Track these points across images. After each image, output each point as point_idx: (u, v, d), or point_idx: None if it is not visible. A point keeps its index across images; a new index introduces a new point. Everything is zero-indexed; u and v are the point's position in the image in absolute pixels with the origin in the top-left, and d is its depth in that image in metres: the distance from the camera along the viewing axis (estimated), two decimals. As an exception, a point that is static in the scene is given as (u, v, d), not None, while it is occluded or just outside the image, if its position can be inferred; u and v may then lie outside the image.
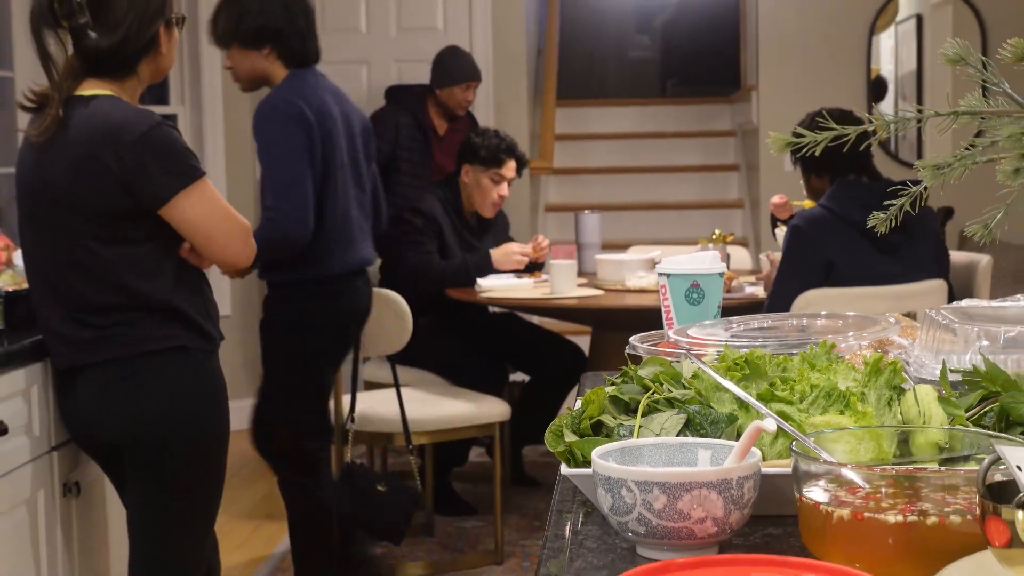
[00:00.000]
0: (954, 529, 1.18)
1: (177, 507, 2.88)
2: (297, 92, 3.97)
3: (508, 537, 4.96)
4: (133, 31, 2.78)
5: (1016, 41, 0.99)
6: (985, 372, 1.52)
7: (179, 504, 2.88)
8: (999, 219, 1.05)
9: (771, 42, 7.26)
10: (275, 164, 3.91)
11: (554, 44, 8.81)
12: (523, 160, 5.51)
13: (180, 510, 2.88)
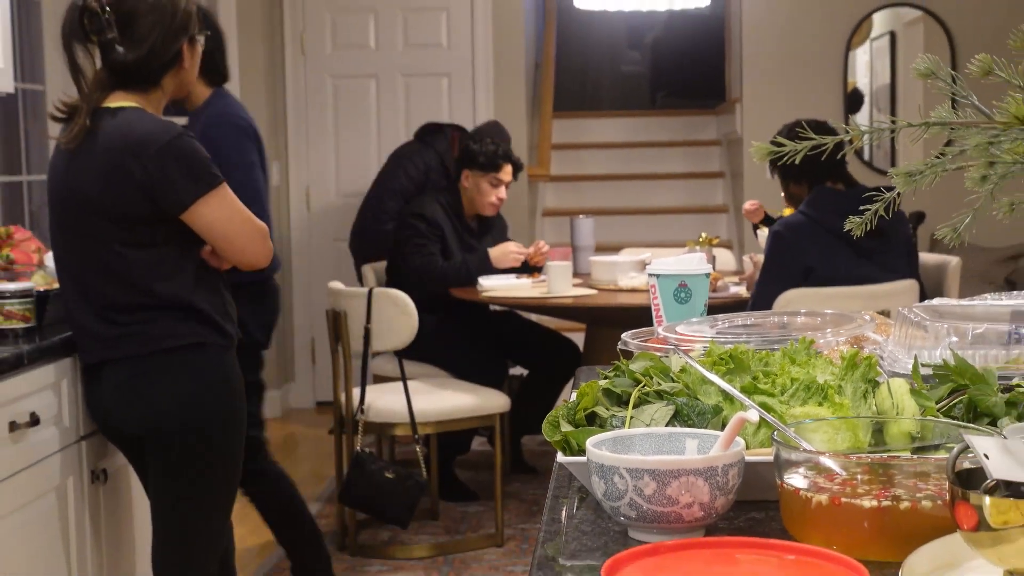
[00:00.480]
0: (925, 513, 1.18)
1: (196, 494, 2.88)
2: (239, 108, 3.95)
3: (508, 521, 4.96)
4: (158, 46, 2.78)
5: (983, 57, 0.99)
6: (954, 366, 1.52)
7: (198, 491, 2.88)
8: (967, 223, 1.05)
9: (754, 57, 7.26)
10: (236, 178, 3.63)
11: (551, 59, 8.82)
12: (518, 164, 5.51)
13: (199, 496, 2.88)
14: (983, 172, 1.01)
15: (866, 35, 7.24)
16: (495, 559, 4.66)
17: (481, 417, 4.89)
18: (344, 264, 6.82)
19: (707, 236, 5.37)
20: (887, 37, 7.30)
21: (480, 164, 5.34)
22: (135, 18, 2.75)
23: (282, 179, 7.27)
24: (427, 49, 7.32)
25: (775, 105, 6.97)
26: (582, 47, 10.69)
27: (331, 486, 5.41)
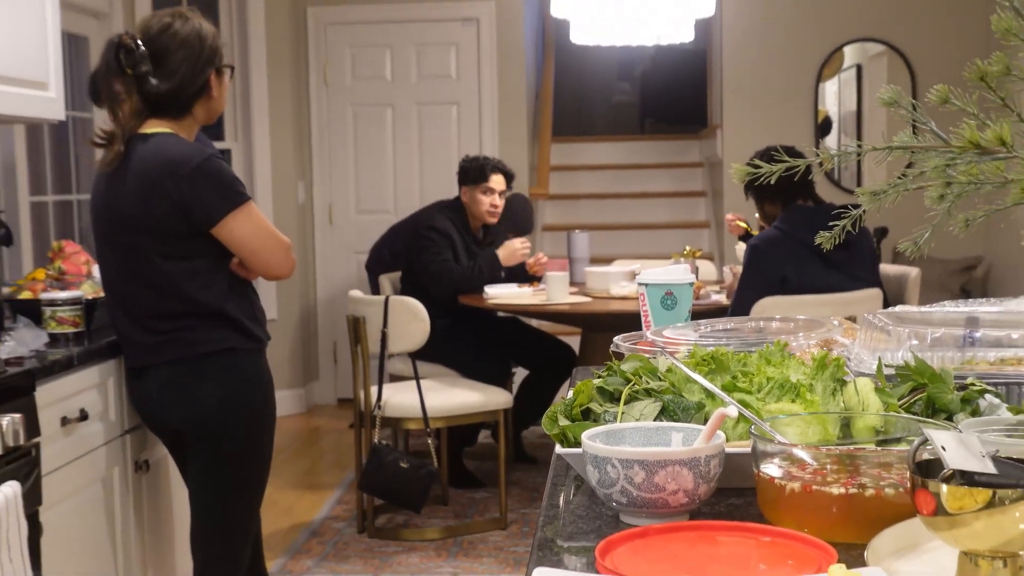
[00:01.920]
0: (888, 500, 1.18)
1: (231, 483, 2.88)
2: None
3: (511, 506, 4.96)
4: (188, 78, 2.78)
5: (940, 87, 1.00)
6: (914, 367, 1.52)
7: (233, 480, 2.88)
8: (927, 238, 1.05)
9: (733, 87, 7.26)
10: None
11: (549, 89, 8.83)
12: (507, 172, 5.51)
13: (234, 485, 2.88)
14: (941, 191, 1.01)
15: (835, 67, 7.24)
16: (499, 541, 4.66)
17: (486, 412, 4.90)
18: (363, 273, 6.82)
19: (691, 249, 5.37)
20: (854, 69, 7.31)
21: (472, 178, 5.37)
22: (167, 53, 2.76)
23: (307, 197, 7.28)
24: (438, 80, 7.33)
25: (752, 131, 6.98)
26: (577, 78, 10.70)
27: (351, 475, 5.41)
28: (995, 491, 0.99)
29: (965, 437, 1.08)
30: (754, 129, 7.00)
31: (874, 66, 7.22)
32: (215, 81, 2.85)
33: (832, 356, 1.56)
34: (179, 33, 2.77)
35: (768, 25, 7.15)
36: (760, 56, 7.18)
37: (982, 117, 1.00)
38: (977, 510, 0.99)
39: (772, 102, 7.16)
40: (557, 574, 1.05)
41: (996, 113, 1.00)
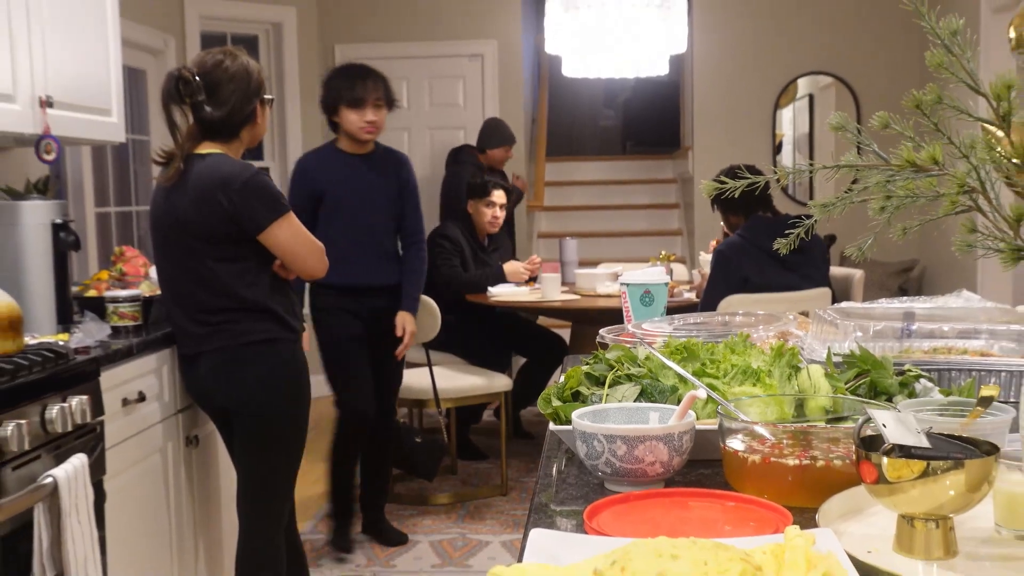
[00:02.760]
0: (837, 470, 1.18)
1: (272, 455, 2.88)
2: None
3: (511, 475, 4.96)
4: (237, 107, 2.79)
5: (881, 114, 1.00)
6: (859, 356, 1.52)
7: (273, 452, 2.88)
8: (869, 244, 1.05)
9: (703, 114, 7.26)
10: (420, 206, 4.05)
11: (544, 115, 8.84)
12: (507, 188, 5.51)
13: (273, 457, 2.88)
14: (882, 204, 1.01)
15: (791, 96, 7.24)
16: (501, 505, 4.66)
17: (490, 394, 4.91)
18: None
19: (666, 254, 5.38)
20: (807, 98, 7.31)
21: (477, 192, 5.36)
22: (219, 85, 2.77)
23: (335, 209, 7.29)
24: (447, 108, 7.33)
25: (719, 151, 6.98)
26: (569, 106, 10.70)
27: (373, 448, 5.40)
28: (929, 462, 0.99)
29: (903, 416, 1.08)
30: (720, 150, 7.01)
31: (824, 95, 7.22)
32: (260, 110, 2.86)
33: (788, 346, 1.56)
34: (230, 68, 2.78)
35: (732, 60, 7.15)
36: (725, 86, 7.18)
37: (917, 140, 1.00)
38: (913, 479, 0.99)
39: (736, 126, 7.16)
40: (551, 534, 1.05)
41: (930, 136, 1.00)
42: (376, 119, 3.84)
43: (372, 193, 3.91)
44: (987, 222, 0.97)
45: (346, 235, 3.84)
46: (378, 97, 3.84)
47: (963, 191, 0.97)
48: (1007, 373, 1.57)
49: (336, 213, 3.87)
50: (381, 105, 3.86)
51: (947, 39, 0.98)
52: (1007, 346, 1.67)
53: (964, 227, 0.98)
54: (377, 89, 3.84)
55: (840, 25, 6.99)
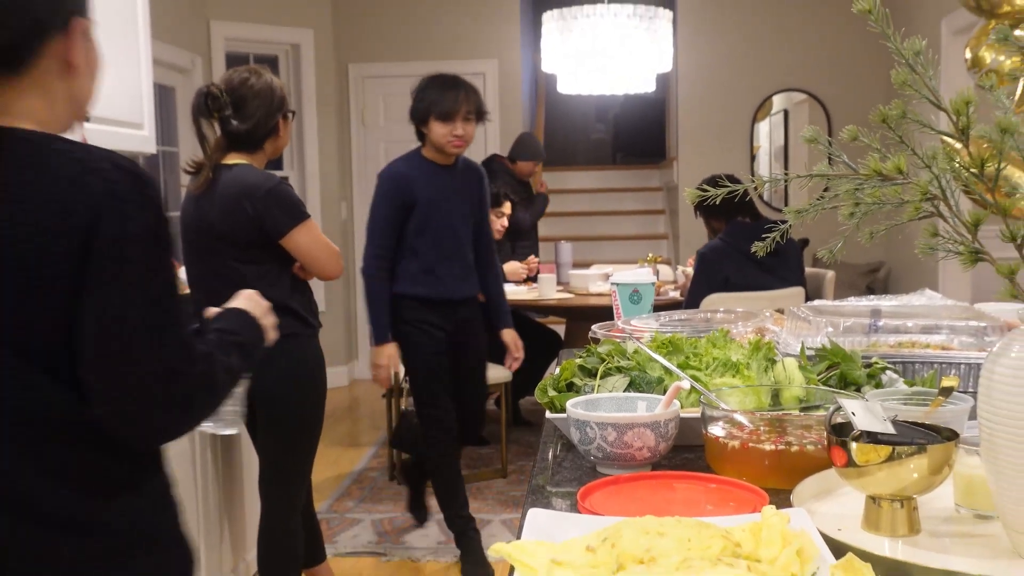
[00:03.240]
0: (809, 455, 1.18)
1: (290, 440, 2.88)
2: None
3: (510, 459, 4.96)
4: (261, 121, 2.78)
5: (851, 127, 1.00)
6: (830, 349, 1.53)
7: (292, 438, 2.87)
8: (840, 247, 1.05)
9: (687, 128, 7.26)
10: None
11: (541, 128, 8.82)
12: (513, 200, 5.50)
13: (292, 444, 2.88)
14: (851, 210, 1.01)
15: (767, 111, 7.24)
16: (501, 486, 4.66)
17: (491, 385, 4.89)
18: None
19: (653, 256, 5.38)
20: (782, 113, 7.31)
21: (492, 203, 5.35)
22: (245, 100, 2.76)
23: (348, 215, 7.27)
24: (452, 122, 7.33)
25: (702, 162, 6.98)
26: (563, 120, 10.70)
27: (384, 435, 5.40)
28: (894, 447, 1.00)
29: (870, 405, 1.08)
30: (703, 160, 7.01)
31: (798, 110, 7.22)
32: (282, 124, 2.86)
33: (764, 341, 1.56)
34: (255, 86, 2.78)
35: (713, 78, 7.15)
36: (707, 102, 7.18)
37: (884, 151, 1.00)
38: (880, 463, 1.00)
39: (717, 139, 7.16)
40: (547, 514, 1.05)
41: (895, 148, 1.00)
42: (464, 133, 3.47)
43: (457, 204, 3.56)
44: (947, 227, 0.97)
45: (434, 247, 3.50)
46: (469, 110, 3.46)
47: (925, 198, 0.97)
48: (966, 365, 1.57)
49: (425, 224, 3.50)
50: (471, 119, 3.49)
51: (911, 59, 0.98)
52: (966, 341, 1.68)
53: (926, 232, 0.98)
54: (468, 102, 3.46)
55: (812, 46, 7.00)
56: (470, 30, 7.23)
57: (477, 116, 3.49)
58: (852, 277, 6.53)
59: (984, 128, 0.96)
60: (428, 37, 7.22)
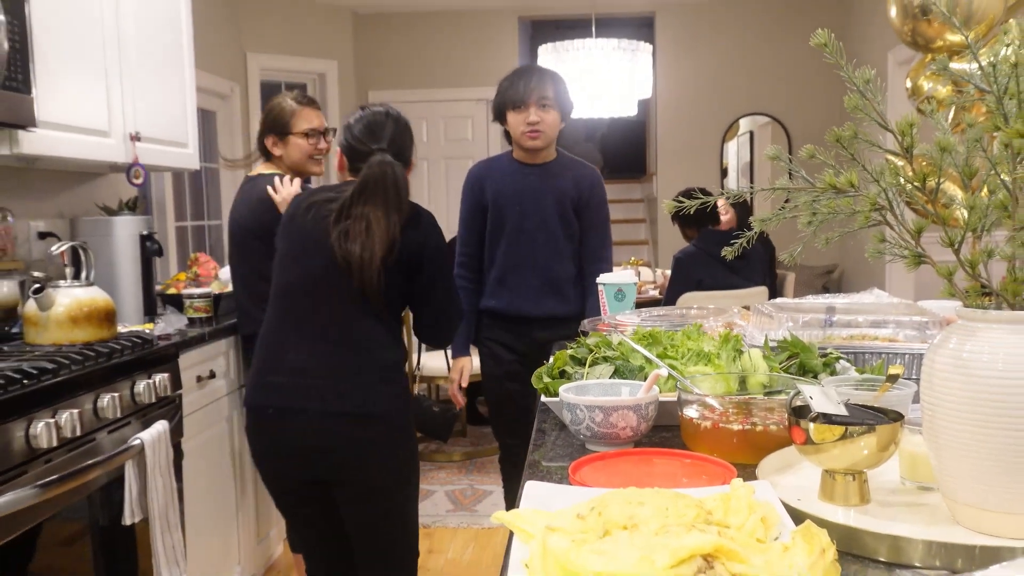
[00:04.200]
0: (772, 434, 1.18)
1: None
2: None
3: (510, 438, 4.97)
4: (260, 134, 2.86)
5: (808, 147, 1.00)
6: (790, 341, 1.52)
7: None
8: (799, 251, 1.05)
9: (664, 147, 7.25)
10: (609, 225, 2.89)
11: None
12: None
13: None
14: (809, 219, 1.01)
15: (735, 133, 7.24)
16: (502, 462, 4.67)
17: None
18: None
19: (635, 259, 5.38)
20: (748, 134, 7.30)
21: None
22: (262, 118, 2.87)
23: (368, 223, 7.28)
24: (459, 142, 7.32)
25: (678, 176, 6.98)
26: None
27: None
28: (847, 427, 0.99)
29: (826, 390, 1.08)
30: (679, 175, 7.01)
31: (762, 132, 7.22)
32: (274, 144, 2.88)
33: (733, 334, 1.56)
34: (268, 105, 2.85)
35: (688, 103, 7.15)
36: (682, 124, 7.18)
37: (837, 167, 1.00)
38: (834, 441, 1.00)
39: (691, 156, 7.16)
40: (542, 485, 1.05)
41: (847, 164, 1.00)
42: (539, 120, 2.67)
43: (540, 209, 2.77)
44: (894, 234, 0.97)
45: (507, 255, 2.80)
46: (543, 96, 2.66)
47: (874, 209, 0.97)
48: (910, 355, 1.57)
49: (498, 229, 2.80)
50: (548, 105, 2.68)
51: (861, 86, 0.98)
52: (910, 334, 1.68)
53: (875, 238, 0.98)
54: (542, 87, 2.67)
55: (775, 75, 7.00)
56: (474, 61, 7.23)
57: (558, 106, 2.70)
58: (810, 278, 6.53)
59: (925, 147, 0.96)
60: (437, 67, 7.22)
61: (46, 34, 2.35)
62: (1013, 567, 0.69)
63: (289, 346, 2.02)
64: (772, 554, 0.81)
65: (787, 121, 7.01)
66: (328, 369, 1.97)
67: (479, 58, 7.23)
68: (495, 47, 7.22)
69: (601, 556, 0.80)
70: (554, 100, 2.68)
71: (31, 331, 2.27)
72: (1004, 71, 0.90)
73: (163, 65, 3.05)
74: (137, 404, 2.25)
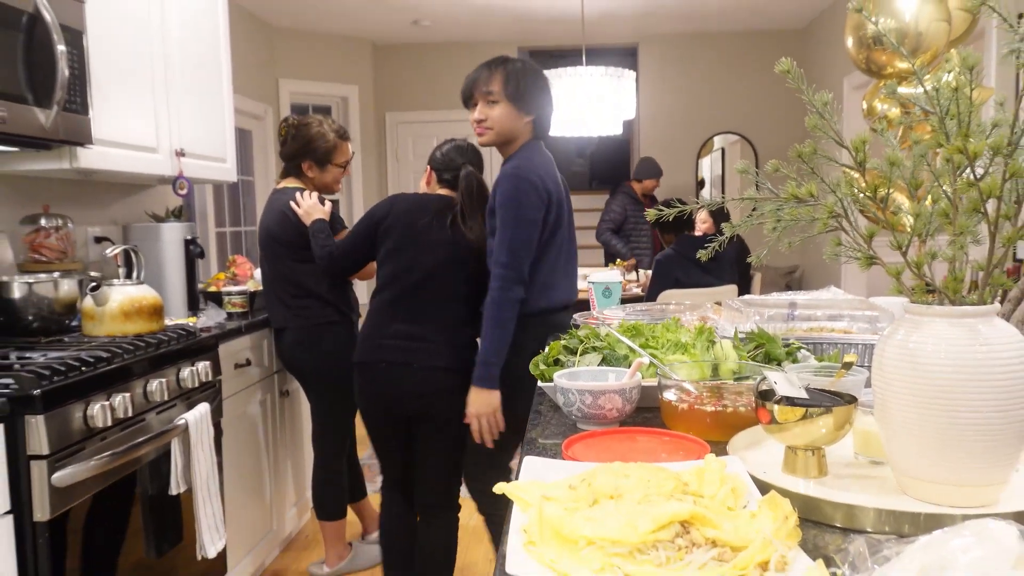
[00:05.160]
0: (742, 415, 1.18)
1: (334, 405, 2.87)
2: (537, 165, 2.17)
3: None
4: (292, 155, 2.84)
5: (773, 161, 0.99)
6: (757, 333, 1.52)
7: (334, 403, 2.87)
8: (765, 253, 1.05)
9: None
10: (514, 227, 2.08)
11: (534, 163, 8.79)
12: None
13: (335, 406, 2.88)
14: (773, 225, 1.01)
15: (709, 149, 7.23)
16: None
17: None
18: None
19: (620, 261, 5.37)
20: (720, 150, 7.30)
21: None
22: (287, 139, 2.85)
23: (385, 229, 7.27)
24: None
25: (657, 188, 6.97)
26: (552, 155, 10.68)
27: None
28: (807, 409, 0.99)
29: (789, 376, 1.08)
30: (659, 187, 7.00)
31: (732, 148, 7.22)
32: (312, 168, 2.87)
33: (706, 326, 1.56)
34: (299, 129, 2.88)
35: (667, 123, 7.14)
36: (662, 142, 7.17)
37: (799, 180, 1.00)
38: (796, 421, 0.99)
39: (670, 170, 7.15)
40: (539, 460, 1.05)
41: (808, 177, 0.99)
42: (484, 117, 2.20)
43: None
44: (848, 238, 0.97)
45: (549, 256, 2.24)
46: (488, 90, 2.18)
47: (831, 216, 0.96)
48: (862, 345, 1.57)
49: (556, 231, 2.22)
50: (495, 100, 2.18)
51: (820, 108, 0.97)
52: (863, 326, 1.67)
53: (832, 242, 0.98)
54: (487, 81, 2.18)
55: (744, 98, 6.99)
56: (479, 86, 7.22)
57: (511, 99, 2.18)
58: (774, 277, 6.53)
59: (876, 162, 0.96)
60: (446, 91, 7.22)
61: (101, 62, 2.35)
62: (954, 531, 0.69)
63: (398, 318, 2.31)
64: (741, 520, 0.81)
65: (754, 139, 7.01)
66: (428, 336, 2.28)
67: (483, 83, 7.22)
68: (497, 74, 7.22)
69: (590, 522, 0.80)
70: (501, 93, 2.17)
71: (88, 324, 2.27)
72: (946, 95, 0.90)
73: (205, 89, 3.05)
74: (182, 388, 2.25)
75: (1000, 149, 0.87)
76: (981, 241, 0.91)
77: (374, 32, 6.68)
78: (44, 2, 2.01)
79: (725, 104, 7.03)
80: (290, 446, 3.19)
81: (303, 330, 2.79)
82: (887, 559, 0.70)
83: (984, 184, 0.87)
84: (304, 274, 2.75)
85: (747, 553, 0.75)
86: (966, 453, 0.86)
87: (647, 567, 0.74)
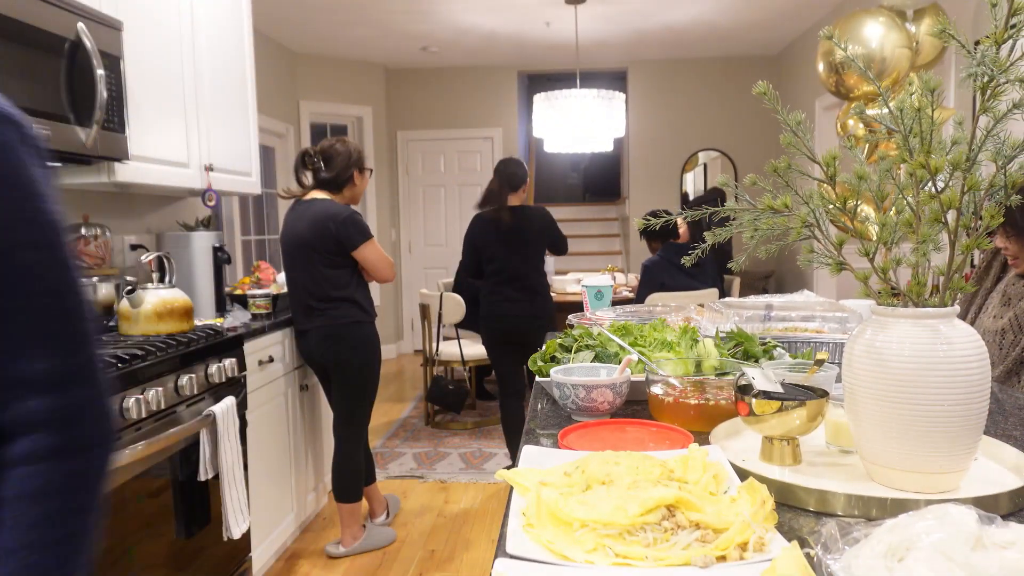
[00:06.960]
0: (723, 407, 1.18)
1: (356, 397, 2.87)
2: None
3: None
4: (341, 172, 2.81)
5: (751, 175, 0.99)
6: (737, 332, 1.52)
7: (357, 395, 2.87)
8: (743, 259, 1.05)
9: (635, 175, 7.25)
10: None
11: (532, 175, 8.81)
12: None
13: (357, 398, 2.88)
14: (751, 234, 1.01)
15: (692, 164, 7.23)
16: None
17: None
18: (429, 279, 6.78)
19: (611, 266, 5.37)
20: (703, 165, 7.30)
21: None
22: (332, 157, 2.81)
23: (397, 237, 7.26)
24: (471, 171, 7.31)
25: (645, 200, 6.97)
26: (548, 170, 10.68)
27: (421, 392, 5.40)
28: (783, 402, 0.99)
29: (766, 371, 1.07)
30: (646, 199, 7.00)
31: (714, 164, 7.22)
32: (357, 176, 2.86)
33: (690, 326, 1.56)
34: (339, 149, 2.84)
35: (654, 140, 7.14)
36: (650, 157, 7.17)
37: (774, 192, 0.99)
38: (772, 413, 0.99)
39: (656, 184, 7.15)
40: (537, 449, 1.04)
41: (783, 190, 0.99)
42: None
43: None
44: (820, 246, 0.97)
45: None
46: None
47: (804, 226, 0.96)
48: (833, 344, 1.57)
49: None
50: None
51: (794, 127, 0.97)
52: (833, 327, 1.67)
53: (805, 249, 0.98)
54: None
55: (724, 117, 6.99)
56: (482, 107, 7.23)
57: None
58: (752, 281, 6.52)
59: (846, 176, 0.96)
60: (452, 111, 7.23)
61: (137, 84, 2.35)
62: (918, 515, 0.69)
63: (506, 291, 3.39)
64: (722, 504, 0.80)
65: (734, 155, 7.01)
66: (525, 298, 3.38)
67: (486, 104, 7.23)
68: (499, 96, 7.23)
69: (584, 506, 0.79)
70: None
71: (124, 324, 2.27)
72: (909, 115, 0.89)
73: (232, 109, 3.05)
74: (210, 383, 2.25)
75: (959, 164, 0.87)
76: (942, 249, 0.90)
77: (387, 57, 6.69)
78: (85, 30, 2.02)
79: (707, 123, 7.04)
80: (309, 436, 3.18)
81: (328, 328, 2.79)
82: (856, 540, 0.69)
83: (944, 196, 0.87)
84: (333, 279, 2.76)
85: (728, 535, 0.75)
86: (929, 443, 0.86)
87: (636, 547, 0.74)
